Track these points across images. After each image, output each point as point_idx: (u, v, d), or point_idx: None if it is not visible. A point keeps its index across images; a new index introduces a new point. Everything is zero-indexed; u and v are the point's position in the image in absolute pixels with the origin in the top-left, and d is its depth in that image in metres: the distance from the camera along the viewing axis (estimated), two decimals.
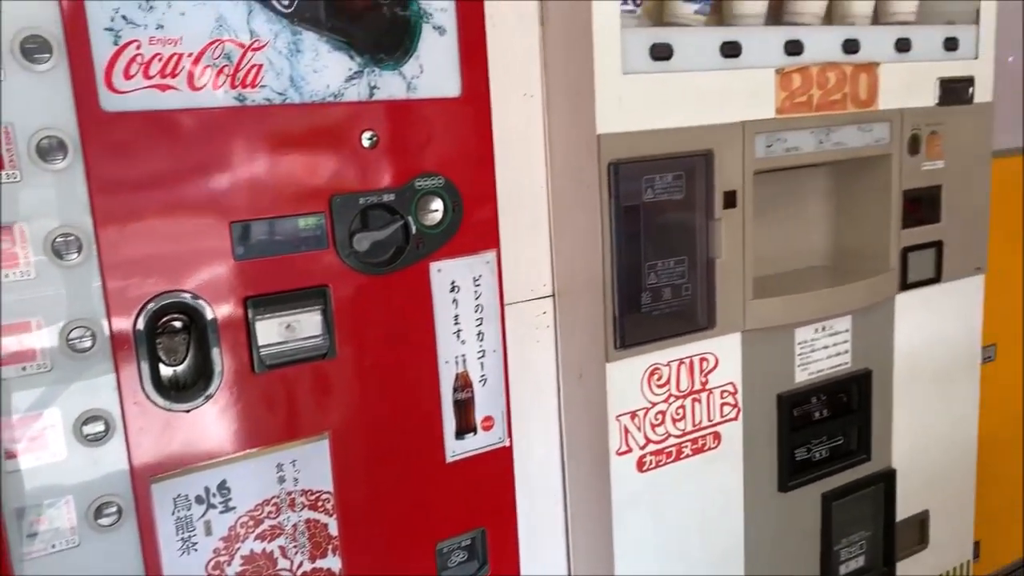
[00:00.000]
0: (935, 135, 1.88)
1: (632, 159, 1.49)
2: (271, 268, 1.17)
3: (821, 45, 1.69)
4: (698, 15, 1.62)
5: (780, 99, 1.65)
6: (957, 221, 1.94)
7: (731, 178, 1.61)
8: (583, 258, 1.54)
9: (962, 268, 1.97)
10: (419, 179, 1.27)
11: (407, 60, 1.24)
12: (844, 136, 1.75)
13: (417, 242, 1.27)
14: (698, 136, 1.56)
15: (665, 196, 1.55)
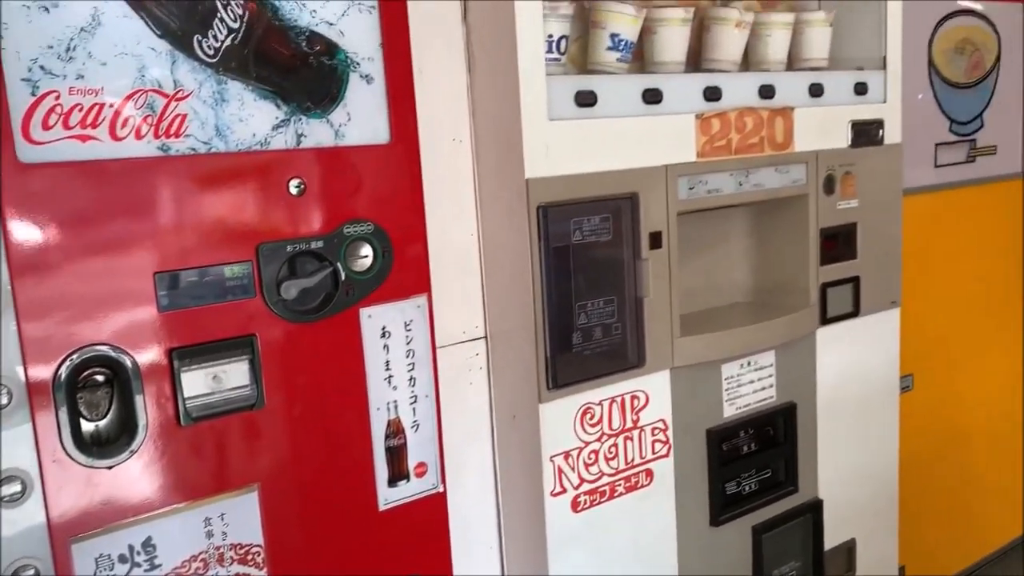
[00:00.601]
0: (849, 175, 1.97)
1: (560, 202, 1.52)
2: (197, 318, 1.16)
3: (738, 91, 1.76)
4: (620, 63, 1.67)
5: (701, 143, 1.71)
6: (872, 257, 2.02)
7: (656, 219, 1.65)
8: (514, 300, 1.56)
9: (879, 302, 2.05)
10: (348, 225, 1.27)
11: (334, 108, 1.25)
12: (762, 178, 1.82)
13: (347, 288, 1.27)
14: (623, 179, 1.60)
15: (593, 238, 1.58)
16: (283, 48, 1.19)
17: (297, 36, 1.20)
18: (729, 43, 1.81)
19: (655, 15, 1.71)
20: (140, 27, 1.09)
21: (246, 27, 1.16)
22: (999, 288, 2.64)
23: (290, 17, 1.20)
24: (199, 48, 1.13)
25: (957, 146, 2.41)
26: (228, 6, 1.14)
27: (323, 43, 1.23)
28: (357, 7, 1.25)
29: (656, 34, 1.73)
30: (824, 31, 1.96)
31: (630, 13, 1.65)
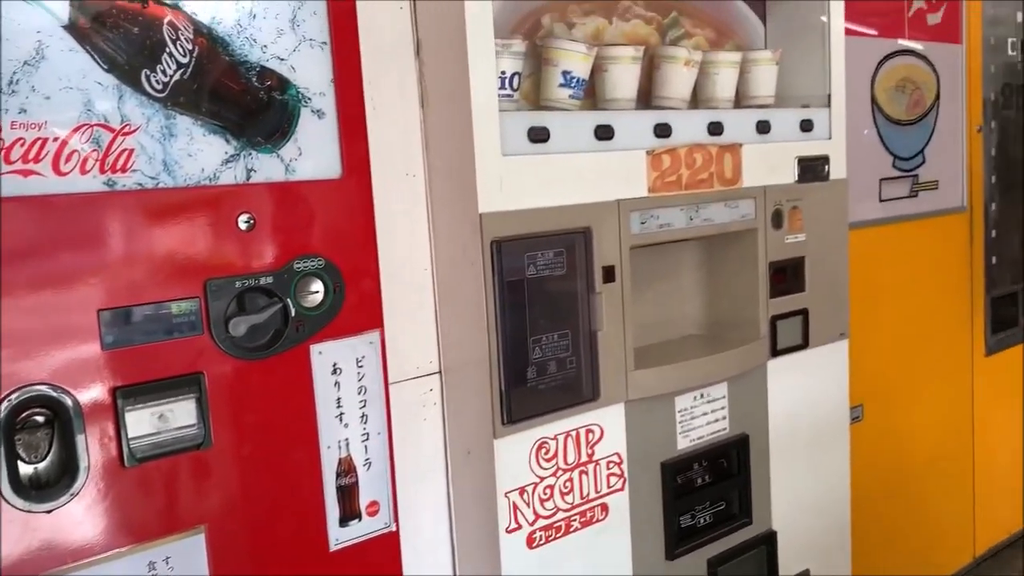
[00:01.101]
0: (796, 210, 2.01)
1: (514, 237, 1.52)
2: (142, 356, 1.13)
3: (688, 128, 1.79)
4: (572, 100, 1.69)
5: (652, 178, 1.73)
6: (820, 290, 2.06)
7: (609, 253, 1.66)
8: (469, 334, 1.55)
9: (827, 334, 2.09)
10: (298, 261, 1.26)
11: (285, 143, 1.24)
12: (712, 212, 1.84)
13: (297, 325, 1.26)
14: (576, 214, 1.61)
15: (547, 272, 1.58)
16: (233, 83, 1.18)
17: (248, 71, 1.20)
18: (678, 81, 1.85)
19: (606, 53, 1.74)
20: (86, 61, 1.07)
21: (196, 62, 1.15)
22: (944, 319, 2.70)
23: (241, 52, 1.19)
24: (147, 82, 1.11)
25: (900, 181, 2.48)
26: (177, 41, 1.13)
27: (274, 78, 1.22)
28: (309, 43, 1.25)
29: (607, 72, 1.75)
30: (770, 69, 2.01)
31: (581, 51, 1.67)
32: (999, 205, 2.82)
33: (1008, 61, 2.82)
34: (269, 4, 1.21)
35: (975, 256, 2.76)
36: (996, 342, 2.84)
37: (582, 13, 1.83)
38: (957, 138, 2.65)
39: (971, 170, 2.70)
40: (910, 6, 2.46)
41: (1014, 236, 2.91)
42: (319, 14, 1.26)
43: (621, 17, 1.90)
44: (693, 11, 2.02)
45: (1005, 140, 2.83)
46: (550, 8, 1.79)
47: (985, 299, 2.79)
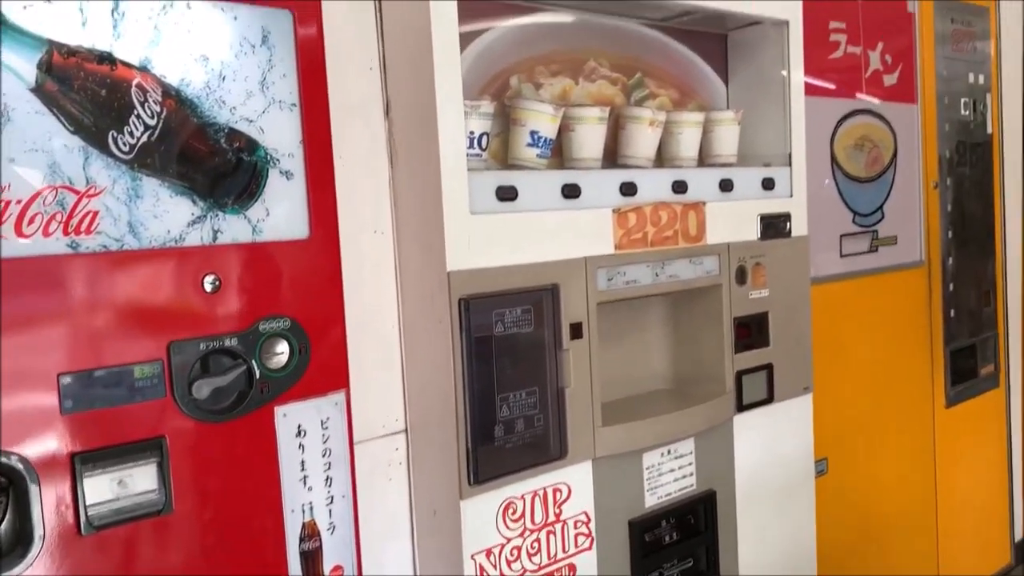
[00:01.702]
0: (759, 266, 2.04)
1: (482, 294, 1.53)
2: (102, 420, 1.11)
3: (653, 186, 1.82)
4: (540, 159, 1.72)
5: (618, 236, 1.75)
6: (784, 344, 2.08)
7: (576, 310, 1.67)
8: (436, 392, 1.54)
9: (792, 388, 2.11)
10: (264, 322, 1.25)
11: (253, 204, 1.24)
12: (677, 269, 1.87)
13: (261, 387, 1.24)
14: (544, 271, 1.63)
15: (515, 329, 1.59)
16: (201, 145, 1.18)
17: (216, 133, 1.20)
18: (643, 141, 1.89)
19: (573, 114, 1.78)
20: (52, 123, 1.07)
21: (164, 124, 1.15)
22: (905, 371, 2.75)
23: (209, 114, 1.19)
24: (114, 144, 1.11)
25: (860, 236, 2.54)
26: (145, 103, 1.13)
27: (243, 140, 1.23)
28: (278, 105, 1.26)
29: (574, 132, 1.78)
30: (732, 129, 2.05)
31: (549, 112, 1.70)
32: (956, 259, 2.88)
33: (961, 120, 2.92)
34: (239, 67, 1.22)
35: (934, 309, 2.81)
36: (956, 394, 2.89)
37: (549, 74, 1.87)
38: (914, 194, 2.72)
39: (928, 226, 2.77)
40: (867, 67, 2.54)
41: (971, 290, 2.97)
42: (289, 77, 1.27)
43: (587, 78, 1.94)
44: (657, 72, 2.07)
45: (960, 196, 2.91)
46: (518, 69, 1.82)
47: (944, 352, 2.84)
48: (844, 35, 2.45)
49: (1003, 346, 3.15)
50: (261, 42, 1.24)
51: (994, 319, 3.10)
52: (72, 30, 1.08)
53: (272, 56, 1.25)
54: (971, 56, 2.96)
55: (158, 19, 1.15)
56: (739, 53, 2.17)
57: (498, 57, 1.78)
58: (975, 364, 2.99)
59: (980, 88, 3.01)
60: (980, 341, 3.02)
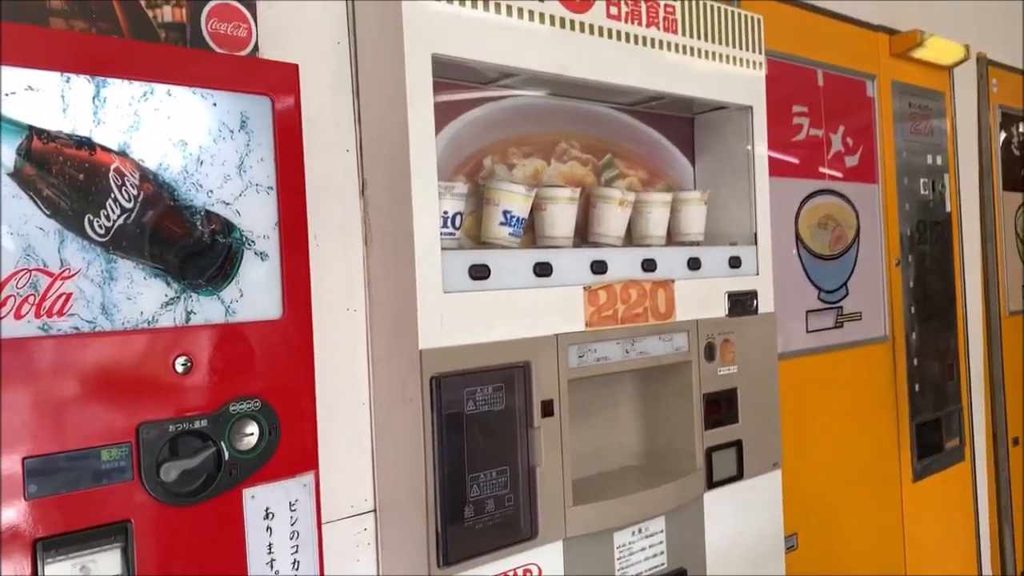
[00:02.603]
0: (728, 343, 2.07)
1: (454, 373, 1.54)
2: (67, 504, 1.09)
3: (623, 265, 1.86)
4: (512, 237, 1.75)
5: (589, 313, 1.78)
6: (753, 420, 2.10)
7: (547, 387, 1.68)
8: (406, 472, 1.54)
9: (761, 464, 2.12)
10: (234, 403, 1.24)
11: (227, 285, 1.25)
12: (647, 346, 1.89)
13: (230, 468, 1.23)
14: (516, 349, 1.64)
15: (486, 407, 1.59)
16: (177, 227, 1.20)
17: (192, 215, 1.22)
18: (613, 220, 1.93)
19: (545, 194, 1.82)
20: (29, 206, 1.08)
21: (140, 207, 1.16)
22: (872, 445, 2.77)
23: (187, 197, 1.21)
24: (90, 227, 1.12)
25: (826, 312, 2.59)
26: (123, 186, 1.15)
27: (219, 222, 1.24)
28: (255, 188, 1.28)
29: (546, 211, 1.82)
30: (700, 209, 2.11)
31: (521, 192, 1.74)
32: (919, 334, 2.95)
33: (921, 199, 3.02)
34: (217, 151, 1.24)
35: (899, 384, 2.86)
36: (922, 468, 2.92)
37: (522, 155, 1.92)
38: (877, 271, 2.80)
39: (892, 301, 2.83)
40: (829, 149, 2.63)
41: (935, 364, 3.03)
42: (266, 160, 1.29)
43: (559, 159, 1.99)
44: (627, 153, 2.13)
45: (922, 273, 2.99)
46: (492, 150, 1.86)
47: (910, 425, 2.88)
48: (806, 118, 2.55)
49: (967, 420, 3.20)
50: (240, 127, 1.27)
51: (958, 393, 3.15)
52: (53, 116, 1.10)
53: (250, 141, 1.28)
54: (929, 138, 3.08)
55: (138, 105, 1.17)
56: (705, 135, 2.25)
57: (472, 139, 1.83)
58: (941, 438, 3.04)
59: (938, 168, 3.12)
60: (945, 415, 3.07)
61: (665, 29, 1.94)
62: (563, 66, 1.74)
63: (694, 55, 2.00)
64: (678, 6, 1.96)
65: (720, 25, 2.06)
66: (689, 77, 2.00)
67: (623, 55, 1.85)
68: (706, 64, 2.03)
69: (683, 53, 1.97)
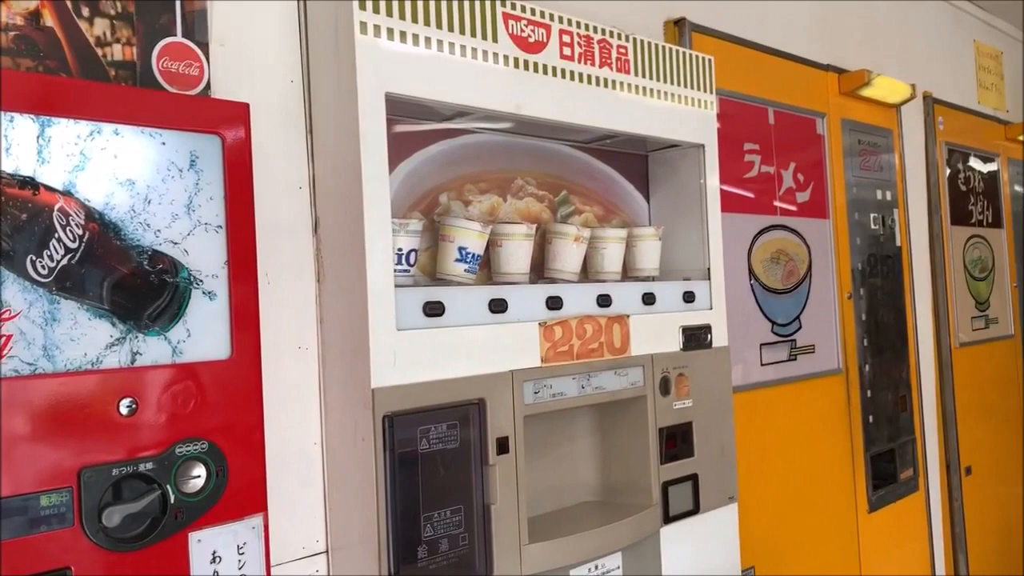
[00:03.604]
0: (682, 376, 2.09)
1: (407, 411, 1.53)
2: (5, 553, 1.06)
3: (578, 300, 1.87)
4: (468, 273, 1.75)
5: (545, 349, 1.79)
6: (709, 454, 2.12)
7: (503, 424, 1.68)
8: (358, 512, 1.52)
9: (717, 498, 2.13)
10: (181, 445, 1.22)
11: (174, 325, 1.24)
12: (603, 381, 1.90)
13: (176, 512, 1.21)
14: (471, 386, 1.64)
15: (440, 445, 1.58)
16: (123, 267, 1.18)
17: (139, 255, 1.20)
18: (569, 256, 1.94)
19: (500, 230, 1.83)
20: None
21: (85, 247, 1.15)
22: (828, 477, 2.80)
23: (133, 237, 1.20)
24: (32, 268, 1.10)
25: (779, 346, 2.63)
26: (67, 226, 1.14)
27: (166, 261, 1.23)
28: (204, 227, 1.27)
29: (502, 247, 1.83)
30: (654, 244, 2.13)
31: (476, 229, 1.75)
32: (872, 366, 3.00)
33: (872, 234, 3.08)
34: (165, 190, 1.23)
35: (853, 416, 2.90)
36: (877, 499, 2.95)
37: (478, 191, 1.93)
38: (830, 305, 2.84)
39: (844, 334, 2.88)
40: (780, 185, 2.68)
41: (888, 395, 3.08)
42: (216, 199, 1.29)
43: (515, 195, 2.01)
44: (582, 190, 2.15)
45: (874, 305, 3.05)
46: (448, 187, 1.87)
47: (865, 457, 2.92)
48: (758, 155, 2.60)
49: (921, 450, 3.25)
50: (189, 166, 1.26)
51: (911, 424, 3.20)
52: None
53: (199, 179, 1.27)
54: (878, 174, 3.16)
55: (84, 144, 1.16)
56: (659, 172, 2.28)
57: (428, 175, 1.84)
58: (895, 469, 3.08)
59: (888, 204, 3.20)
60: (899, 446, 3.11)
61: (618, 70, 1.97)
62: (517, 105, 1.76)
63: (646, 95, 2.04)
64: (630, 47, 2.00)
65: (672, 66, 2.10)
66: (642, 116, 2.04)
67: (577, 95, 1.88)
68: (658, 103, 2.07)
69: (636, 93, 2.01)
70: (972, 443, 3.59)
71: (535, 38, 1.80)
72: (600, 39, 1.93)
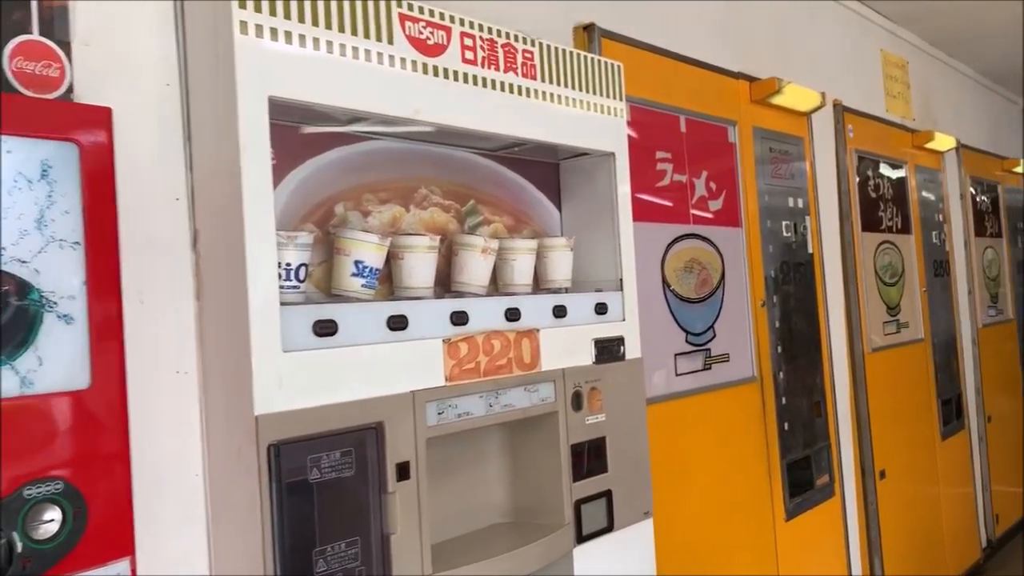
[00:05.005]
0: (595, 390, 2.03)
1: (295, 439, 1.43)
2: None
3: (485, 314, 1.79)
4: (366, 288, 1.66)
5: (449, 367, 1.70)
6: (623, 469, 2.06)
7: (403, 449, 1.59)
8: (244, 548, 1.40)
9: (632, 514, 2.08)
10: (29, 487, 1.10)
11: (22, 354, 1.11)
12: (512, 398, 1.83)
13: (24, 562, 1.09)
14: (367, 409, 1.54)
15: (334, 474, 1.48)
16: None
17: None
18: (476, 268, 1.87)
19: (402, 242, 1.74)
20: None
21: None
22: (745, 486, 2.79)
23: None
24: None
25: (694, 355, 2.60)
26: None
27: (13, 282, 1.11)
28: (58, 244, 1.15)
29: (403, 260, 1.75)
30: (566, 255, 2.07)
31: (373, 241, 1.65)
32: (786, 373, 3.00)
33: (784, 241, 3.09)
34: (12, 203, 1.11)
35: (769, 423, 2.90)
36: (794, 506, 2.95)
37: (378, 201, 1.84)
38: (743, 313, 2.84)
39: (758, 342, 2.88)
40: (693, 194, 2.66)
41: (802, 402, 3.09)
42: (73, 213, 1.17)
43: (419, 205, 1.92)
44: (491, 199, 2.08)
45: (787, 312, 3.06)
46: (345, 196, 1.78)
47: (781, 464, 2.92)
48: (670, 164, 2.57)
49: (836, 455, 3.28)
50: (40, 176, 1.14)
51: (826, 429, 3.23)
52: None
53: (52, 191, 1.15)
54: (790, 182, 3.18)
55: None
56: (570, 181, 2.23)
57: (323, 184, 1.74)
58: (811, 475, 3.09)
59: (800, 211, 3.22)
60: (815, 452, 3.13)
61: (524, 75, 1.91)
62: (416, 110, 1.68)
63: (554, 101, 1.98)
64: (536, 52, 1.94)
65: (580, 72, 2.05)
66: (549, 123, 1.97)
67: (480, 100, 1.80)
68: (566, 110, 2.01)
69: (543, 99, 1.95)
70: (886, 446, 3.64)
71: (435, 40, 1.72)
72: (505, 43, 1.87)
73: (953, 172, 4.84)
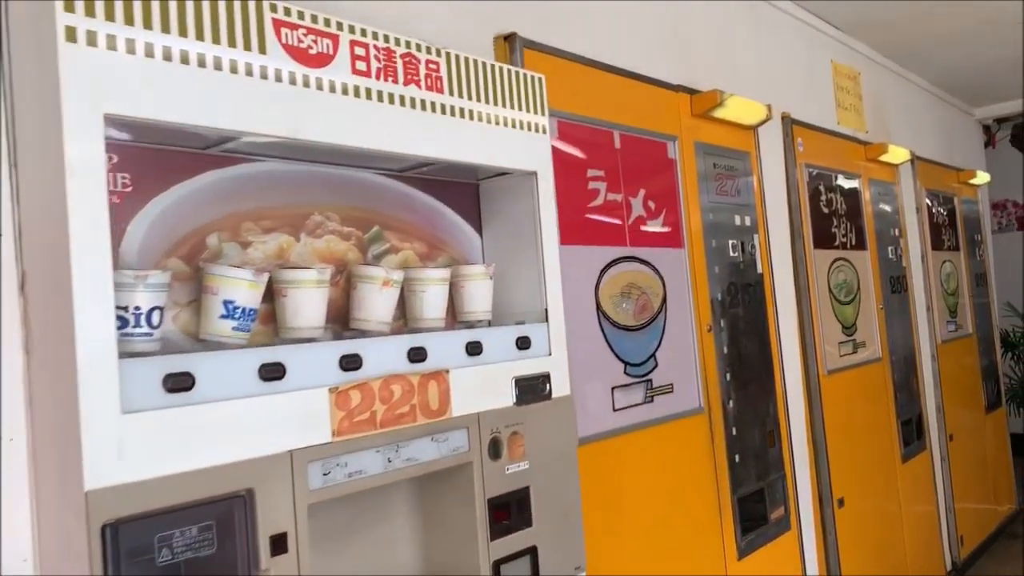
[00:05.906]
0: (517, 435, 1.83)
1: (138, 515, 1.21)
2: None
3: (383, 357, 1.59)
4: (239, 331, 1.45)
5: (337, 420, 1.49)
6: (550, 522, 1.86)
7: (279, 518, 1.38)
8: None
9: (561, 570, 1.88)
10: None
11: None
12: (417, 450, 1.62)
13: None
14: (233, 475, 1.33)
15: (190, 554, 1.26)
16: None
17: None
18: (375, 303, 1.67)
19: (284, 277, 1.54)
20: None
21: None
22: (693, 525, 2.60)
23: None
24: None
25: (634, 388, 2.41)
26: None
27: None
28: None
29: (287, 297, 1.54)
30: (485, 284, 1.88)
31: (246, 278, 1.45)
32: (736, 402, 2.83)
33: (731, 261, 2.93)
34: None
35: (718, 456, 2.71)
36: (747, 544, 2.77)
37: (261, 230, 1.63)
38: (688, 339, 2.66)
39: (705, 370, 2.70)
40: (630, 214, 2.48)
41: (754, 431, 2.92)
42: None
43: (312, 234, 1.71)
44: (400, 225, 1.88)
45: (736, 337, 2.89)
46: (220, 226, 1.57)
47: (732, 499, 2.73)
48: (603, 183, 2.39)
49: (792, 486, 3.10)
50: None
51: (781, 459, 3.05)
52: None
53: None
54: (736, 199, 3.01)
55: None
56: (491, 203, 2.04)
57: (193, 213, 1.53)
58: (765, 509, 2.91)
59: (747, 229, 3.05)
60: (768, 484, 2.95)
61: (428, 88, 1.71)
62: (294, 129, 1.48)
63: (464, 116, 1.78)
64: (443, 63, 1.75)
65: (495, 84, 1.86)
66: (459, 140, 1.78)
67: (374, 116, 1.60)
68: (479, 126, 1.82)
69: (450, 114, 1.75)
70: (844, 473, 3.48)
71: (318, 50, 1.52)
72: (404, 52, 1.67)
73: (908, 185, 4.72)
